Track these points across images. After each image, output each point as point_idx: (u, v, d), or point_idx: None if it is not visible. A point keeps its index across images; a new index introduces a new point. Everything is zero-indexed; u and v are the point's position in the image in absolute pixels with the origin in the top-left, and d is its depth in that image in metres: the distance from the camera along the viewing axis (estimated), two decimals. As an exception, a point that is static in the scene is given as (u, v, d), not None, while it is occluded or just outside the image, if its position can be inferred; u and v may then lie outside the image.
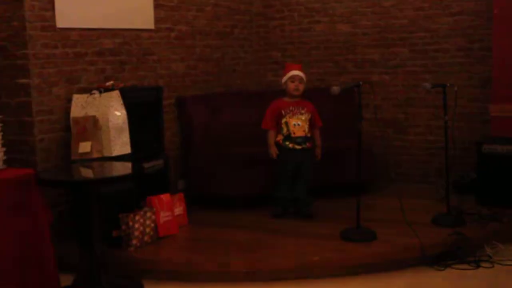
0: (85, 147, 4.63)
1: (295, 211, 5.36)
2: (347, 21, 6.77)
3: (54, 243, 4.09)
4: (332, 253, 4.43)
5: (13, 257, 3.77)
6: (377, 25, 6.63)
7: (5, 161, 4.12)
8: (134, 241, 4.58)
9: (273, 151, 5.25)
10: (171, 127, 5.95)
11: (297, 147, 5.23)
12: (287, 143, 5.23)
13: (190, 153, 6.00)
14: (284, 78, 5.31)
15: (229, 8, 6.78)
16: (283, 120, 5.24)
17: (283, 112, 5.25)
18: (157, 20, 5.79)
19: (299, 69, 5.32)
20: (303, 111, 5.26)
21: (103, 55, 5.25)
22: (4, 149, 4.11)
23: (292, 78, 5.26)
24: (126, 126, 4.75)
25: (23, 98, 4.69)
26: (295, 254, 4.46)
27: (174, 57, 6.03)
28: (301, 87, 5.28)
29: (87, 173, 4.40)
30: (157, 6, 5.78)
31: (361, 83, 4.71)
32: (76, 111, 4.77)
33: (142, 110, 5.10)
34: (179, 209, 5.14)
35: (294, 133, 5.21)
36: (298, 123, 5.22)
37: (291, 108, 5.25)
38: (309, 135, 5.27)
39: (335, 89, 4.64)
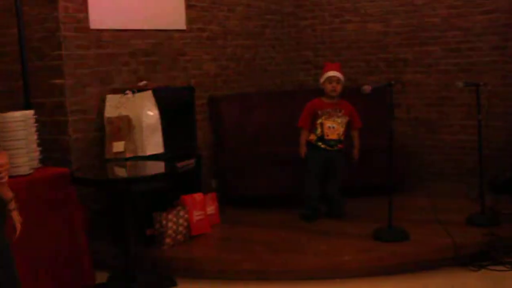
0: (118, 146, 4.68)
1: (326, 211, 5.34)
2: (378, 20, 6.73)
3: (89, 241, 4.15)
4: (364, 253, 4.41)
5: (49, 254, 3.84)
6: (409, 24, 6.58)
7: (40, 160, 4.19)
8: (168, 240, 4.61)
9: (302, 151, 5.22)
10: (203, 126, 5.99)
11: (329, 148, 5.21)
12: (319, 143, 5.21)
13: (222, 153, 6.02)
14: (322, 78, 5.24)
15: (260, 8, 6.79)
16: (319, 121, 5.19)
17: (319, 112, 5.19)
18: (189, 21, 5.83)
19: (337, 69, 5.23)
20: (340, 114, 5.20)
21: (136, 55, 5.31)
22: (39, 148, 4.18)
23: (330, 79, 5.18)
24: (159, 126, 4.78)
25: (57, 98, 4.77)
26: (327, 253, 4.45)
27: (205, 57, 6.07)
28: (338, 88, 5.18)
29: (121, 172, 4.45)
30: (189, 6, 5.82)
31: (393, 82, 4.68)
32: (110, 111, 4.82)
33: (175, 110, 5.13)
34: (211, 208, 5.16)
35: (327, 135, 5.18)
36: (333, 126, 5.18)
37: (328, 110, 5.19)
38: (342, 137, 5.22)
39: (366, 87, 4.62)
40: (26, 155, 3.93)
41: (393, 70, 6.68)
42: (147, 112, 4.74)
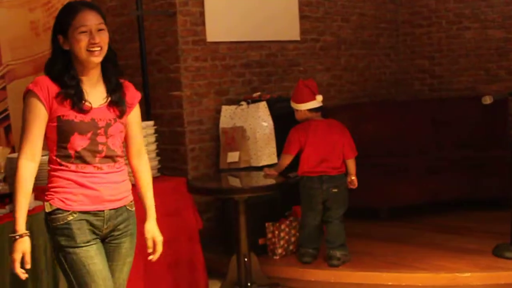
0: (233, 156, 4.76)
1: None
2: (499, 26, 6.46)
3: (203, 249, 4.24)
4: (484, 270, 4.21)
5: (167, 261, 3.95)
6: (533, 30, 6.28)
7: (159, 169, 4.33)
8: (280, 250, 4.64)
9: None
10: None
11: None
12: None
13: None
14: None
15: (375, 17, 6.70)
16: None
17: None
18: (302, 31, 5.85)
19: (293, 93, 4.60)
20: None
21: (250, 67, 5.39)
22: (158, 158, 4.33)
23: None
24: (272, 137, 4.83)
25: (175, 109, 4.93)
26: (444, 269, 4.30)
27: (319, 68, 6.06)
28: (297, 115, 4.55)
29: (235, 182, 4.52)
30: (302, 17, 5.84)
31: (515, 91, 4.48)
32: (225, 121, 4.92)
33: (288, 120, 5.15)
34: (323, 219, 5.13)
35: None
36: None
37: None
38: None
39: (487, 98, 4.43)
40: (145, 165, 4.06)
41: (515, 78, 6.39)
42: (261, 123, 4.80)
